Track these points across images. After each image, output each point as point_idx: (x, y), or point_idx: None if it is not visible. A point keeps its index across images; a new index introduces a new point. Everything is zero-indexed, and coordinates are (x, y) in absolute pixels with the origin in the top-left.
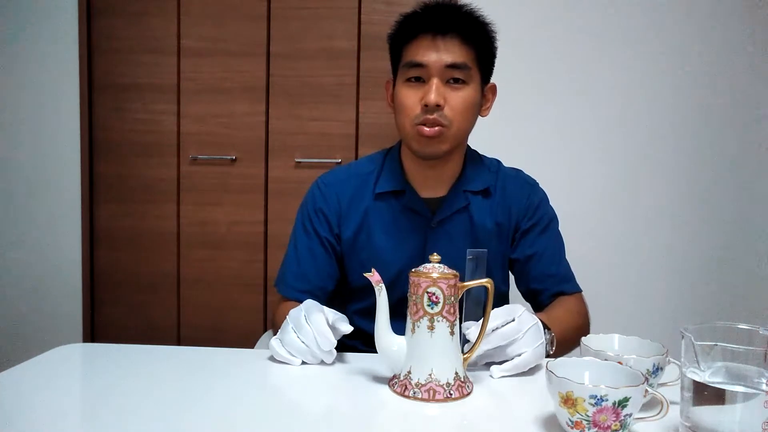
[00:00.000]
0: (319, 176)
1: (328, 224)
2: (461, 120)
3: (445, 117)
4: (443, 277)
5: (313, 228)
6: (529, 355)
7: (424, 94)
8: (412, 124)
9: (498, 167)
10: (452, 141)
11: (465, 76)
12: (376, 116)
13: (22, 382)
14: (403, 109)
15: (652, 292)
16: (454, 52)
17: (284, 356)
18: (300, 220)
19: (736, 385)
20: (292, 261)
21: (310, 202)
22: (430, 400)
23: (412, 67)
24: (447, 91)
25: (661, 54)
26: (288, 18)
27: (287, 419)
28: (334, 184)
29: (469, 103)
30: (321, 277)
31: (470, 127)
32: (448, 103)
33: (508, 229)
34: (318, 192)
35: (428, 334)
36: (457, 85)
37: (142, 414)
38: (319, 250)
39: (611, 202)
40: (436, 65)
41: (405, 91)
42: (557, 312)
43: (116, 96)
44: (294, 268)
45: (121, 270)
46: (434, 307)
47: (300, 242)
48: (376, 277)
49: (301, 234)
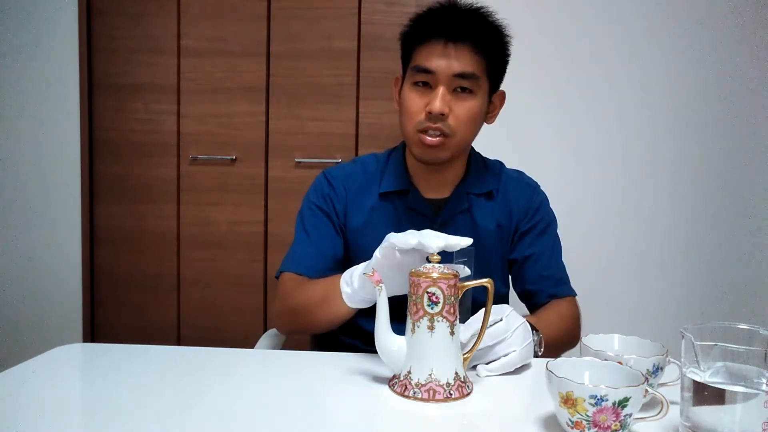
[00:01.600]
0: (325, 169)
1: (335, 211)
2: (465, 130)
3: (449, 126)
4: (443, 277)
5: (321, 210)
6: (516, 355)
7: (430, 101)
8: (414, 130)
9: (501, 169)
10: (454, 150)
11: (473, 85)
12: (376, 116)
13: (22, 382)
14: (408, 113)
15: (652, 292)
16: (464, 61)
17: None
18: (306, 205)
19: (736, 385)
20: (303, 240)
21: (318, 188)
22: (430, 400)
23: (420, 72)
24: (453, 100)
25: (662, 56)
26: (288, 18)
27: (287, 419)
28: (341, 176)
29: (474, 114)
30: (334, 255)
31: (473, 137)
32: (453, 112)
33: (508, 231)
34: (325, 181)
35: (428, 334)
36: (464, 95)
37: (142, 414)
38: (328, 229)
39: (611, 203)
40: (445, 73)
41: (411, 94)
42: (548, 315)
43: (116, 96)
44: (305, 246)
45: (121, 270)
46: (434, 307)
47: (308, 223)
48: (377, 277)
49: (309, 216)
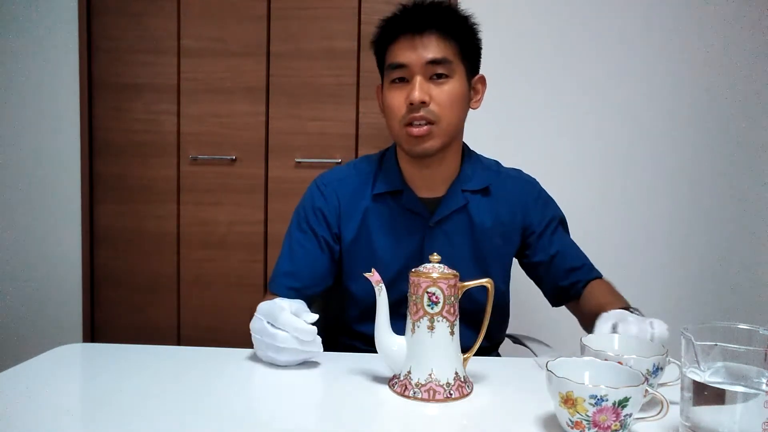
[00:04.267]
0: (317, 176)
1: (327, 223)
2: (449, 114)
3: (432, 113)
4: (443, 277)
5: (310, 227)
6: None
7: (408, 93)
8: (400, 126)
9: (498, 167)
10: (443, 136)
11: (447, 70)
12: (376, 116)
13: (22, 382)
14: (391, 111)
15: (652, 291)
16: (433, 49)
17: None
18: (296, 220)
19: (736, 385)
20: (285, 258)
21: (308, 201)
22: (430, 400)
23: (394, 69)
24: (431, 87)
25: (661, 52)
26: (288, 18)
27: (287, 419)
28: (333, 183)
29: (455, 96)
30: (313, 277)
31: (460, 121)
32: (434, 98)
33: (512, 229)
34: (317, 191)
35: (428, 334)
36: (440, 80)
37: (142, 414)
38: (314, 248)
39: (611, 202)
40: (417, 63)
41: (391, 92)
42: (610, 297)
43: (116, 96)
44: (286, 265)
45: (121, 270)
46: (434, 307)
47: (294, 240)
48: (376, 277)
49: (296, 232)
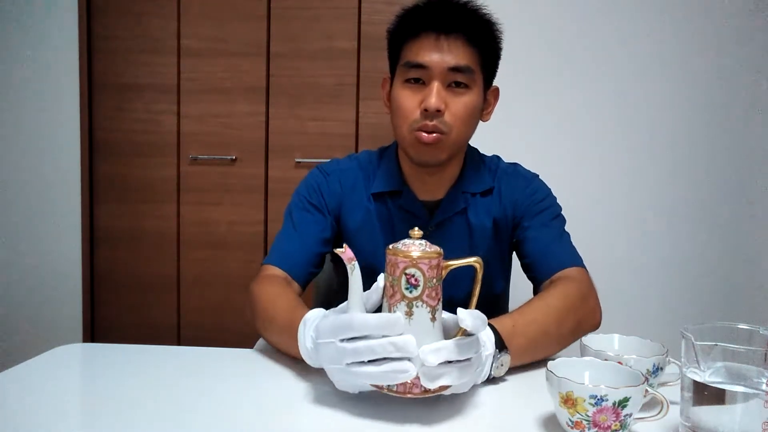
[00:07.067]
0: (319, 164)
1: (326, 205)
2: (462, 127)
3: (445, 123)
4: (425, 257)
5: (311, 203)
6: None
7: (424, 98)
8: (410, 129)
9: (497, 164)
10: (451, 149)
11: (468, 80)
12: (376, 116)
13: (22, 382)
14: (401, 112)
15: (652, 292)
16: (458, 54)
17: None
18: (296, 198)
19: (736, 385)
20: (289, 233)
21: (311, 181)
22: (406, 393)
23: (412, 68)
24: (448, 96)
25: (661, 53)
26: (288, 18)
27: (287, 419)
28: (336, 171)
29: (470, 110)
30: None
31: (470, 135)
32: (449, 108)
33: (506, 225)
34: (319, 174)
35: (406, 321)
36: (459, 90)
37: (142, 414)
38: (317, 223)
39: (611, 202)
40: (439, 67)
41: (403, 92)
42: (532, 311)
43: (116, 96)
44: (291, 242)
45: (121, 270)
46: (413, 290)
47: (296, 215)
48: (349, 254)
49: (297, 208)
